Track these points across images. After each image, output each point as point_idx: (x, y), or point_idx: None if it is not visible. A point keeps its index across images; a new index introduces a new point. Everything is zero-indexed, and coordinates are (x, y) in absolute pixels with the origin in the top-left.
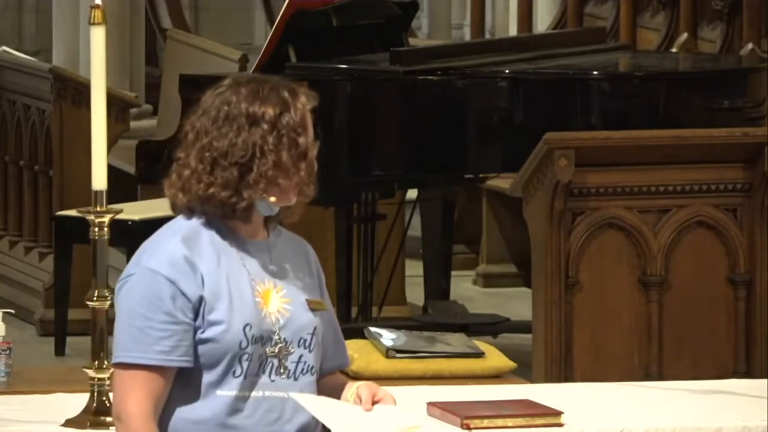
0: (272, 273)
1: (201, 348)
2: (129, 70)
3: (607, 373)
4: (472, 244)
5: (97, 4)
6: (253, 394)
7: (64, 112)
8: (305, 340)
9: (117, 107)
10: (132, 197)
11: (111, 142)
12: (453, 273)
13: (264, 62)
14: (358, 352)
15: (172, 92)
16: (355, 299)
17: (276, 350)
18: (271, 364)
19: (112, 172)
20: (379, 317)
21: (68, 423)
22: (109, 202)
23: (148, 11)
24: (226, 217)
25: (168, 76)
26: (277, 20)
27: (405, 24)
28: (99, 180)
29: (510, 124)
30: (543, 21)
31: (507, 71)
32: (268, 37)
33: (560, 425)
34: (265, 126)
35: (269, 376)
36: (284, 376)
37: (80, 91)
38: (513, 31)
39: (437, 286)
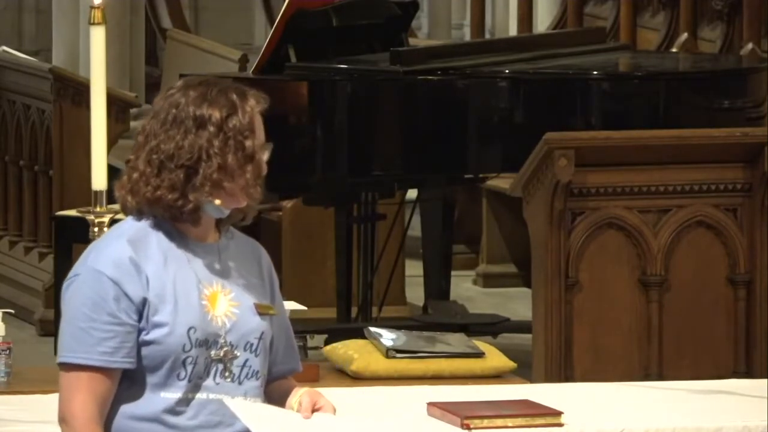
0: (220, 276)
1: (144, 350)
2: (129, 70)
3: (607, 373)
4: (472, 244)
5: (97, 4)
6: (198, 396)
7: (64, 112)
8: (251, 345)
9: (117, 107)
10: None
11: (111, 142)
12: (453, 273)
13: (264, 62)
14: (358, 352)
15: None
16: (355, 299)
17: (221, 353)
18: (216, 367)
19: (112, 172)
20: (379, 317)
21: None
22: (109, 202)
23: (148, 11)
24: (175, 220)
25: (168, 76)
26: (277, 20)
27: (405, 24)
28: (99, 180)
29: (510, 124)
30: (543, 21)
31: (507, 71)
32: (268, 37)
33: (560, 425)
34: (211, 128)
35: (214, 379)
36: (229, 380)
37: (80, 91)
38: (513, 31)
39: (437, 286)
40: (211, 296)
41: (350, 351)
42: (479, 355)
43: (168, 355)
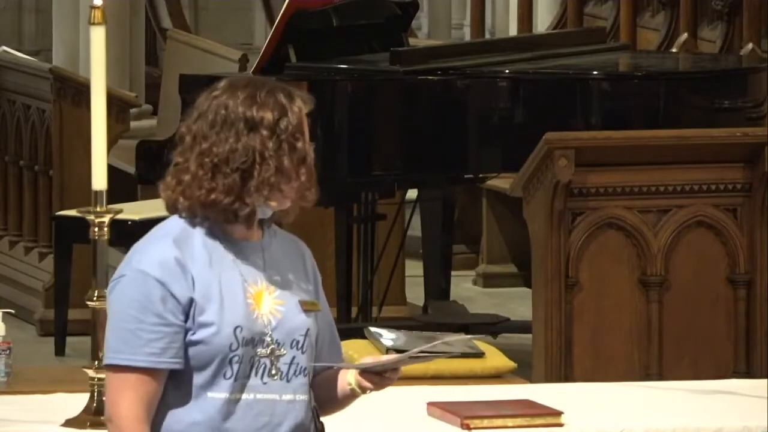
0: (265, 274)
1: (191, 350)
2: (129, 70)
3: (607, 373)
4: (472, 244)
5: (97, 4)
6: (244, 396)
7: (64, 112)
8: (298, 342)
9: (117, 107)
10: (132, 197)
11: (111, 142)
12: (453, 273)
13: (264, 62)
14: (358, 352)
15: (172, 92)
16: (355, 299)
17: (268, 352)
18: (263, 366)
19: (112, 172)
20: (379, 317)
21: (68, 423)
22: (109, 202)
23: (148, 11)
24: (228, 222)
25: (168, 76)
26: (277, 20)
27: (405, 24)
28: (99, 180)
29: (510, 124)
30: (543, 21)
31: (507, 71)
32: (268, 37)
33: (560, 425)
34: (264, 131)
35: (261, 378)
36: (277, 378)
37: (80, 91)
38: (513, 31)
39: (437, 286)
40: (256, 295)
41: (350, 351)
42: (479, 355)
43: (215, 354)
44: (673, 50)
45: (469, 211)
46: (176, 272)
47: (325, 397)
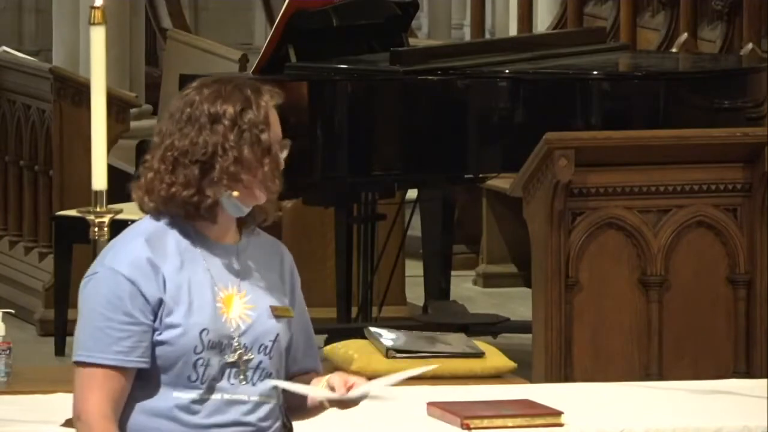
0: (237, 277)
1: (157, 350)
2: (129, 70)
3: (607, 373)
4: (472, 244)
5: (97, 5)
6: (213, 397)
7: (64, 112)
8: (266, 347)
9: (117, 107)
10: (132, 197)
11: (111, 142)
12: (453, 273)
13: (264, 62)
14: (358, 352)
15: (172, 92)
16: (355, 299)
17: (235, 356)
18: (230, 369)
19: (112, 172)
20: (379, 317)
21: (68, 423)
22: (109, 202)
23: (148, 11)
24: (190, 218)
25: (168, 76)
26: (277, 20)
27: (405, 24)
28: (99, 180)
29: (510, 124)
30: (543, 21)
31: (507, 71)
32: (268, 37)
33: (560, 425)
34: (226, 122)
35: (228, 381)
36: (243, 382)
37: (80, 91)
38: (513, 31)
39: (437, 286)
40: (226, 298)
41: (350, 351)
42: (479, 355)
43: (180, 356)
44: (673, 50)
45: (469, 211)
46: (147, 272)
47: (296, 404)
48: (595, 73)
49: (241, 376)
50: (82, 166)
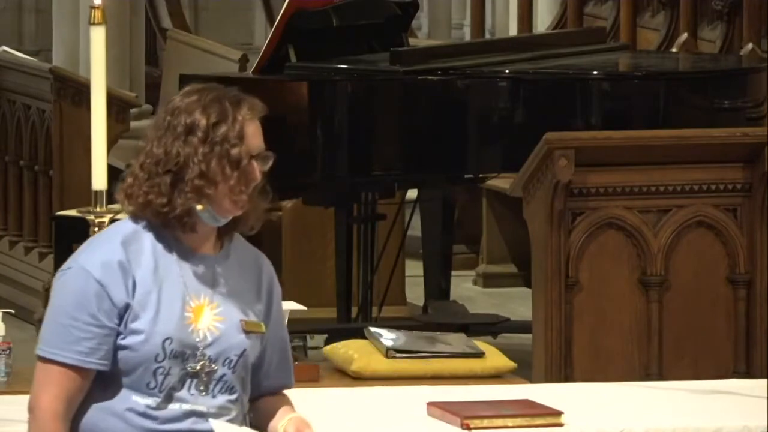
0: (211, 288)
1: (119, 353)
2: (129, 70)
3: (607, 373)
4: (472, 244)
5: (97, 4)
6: (170, 406)
7: (64, 112)
8: (231, 361)
9: (117, 107)
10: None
11: (111, 142)
12: (453, 273)
13: (264, 62)
14: (358, 352)
15: (172, 92)
16: (355, 299)
17: (198, 367)
18: (191, 380)
19: (112, 172)
20: (379, 317)
21: None
22: (109, 202)
23: (148, 11)
24: (165, 226)
25: (168, 76)
26: (277, 20)
27: (405, 24)
28: (99, 180)
29: (510, 124)
30: (543, 21)
31: (507, 71)
32: (268, 37)
33: (560, 425)
34: (200, 134)
35: (188, 391)
36: (204, 393)
37: (80, 91)
38: (513, 31)
39: (437, 286)
40: (197, 308)
41: (350, 351)
42: (479, 355)
43: (140, 362)
44: (673, 50)
45: (469, 211)
46: (118, 275)
47: (258, 423)
48: (595, 73)
49: (202, 387)
50: (82, 166)
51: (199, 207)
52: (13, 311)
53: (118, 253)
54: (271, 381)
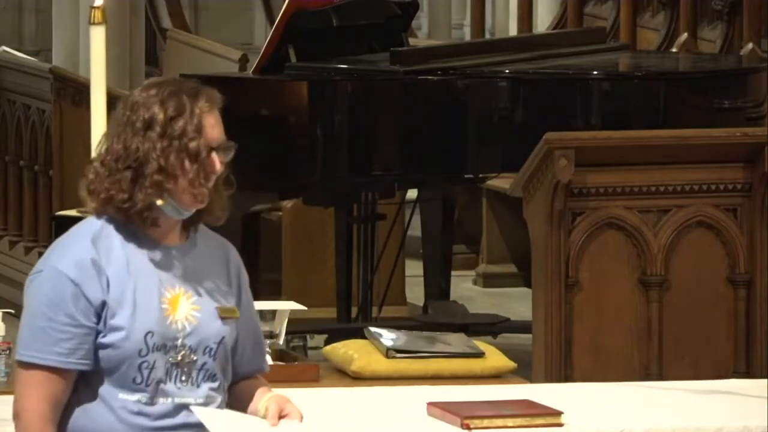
0: (183, 279)
1: (101, 352)
2: (129, 70)
3: (607, 373)
4: (472, 244)
5: (97, 4)
6: (160, 400)
7: (64, 112)
8: (210, 349)
9: None
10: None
11: None
12: (453, 273)
13: (264, 62)
14: (358, 352)
15: None
16: (355, 299)
17: (179, 357)
18: (175, 371)
19: None
20: (379, 317)
21: None
22: None
23: (148, 11)
24: (128, 221)
25: (168, 76)
26: (277, 20)
27: (405, 24)
28: None
29: (510, 124)
30: (543, 21)
31: (507, 71)
32: (268, 37)
33: (560, 425)
34: (157, 129)
35: (174, 384)
36: (188, 383)
37: (80, 91)
38: (513, 31)
39: (437, 286)
40: (173, 300)
41: (350, 351)
42: (479, 355)
43: (124, 359)
44: (673, 50)
45: (469, 211)
46: (91, 274)
47: (236, 407)
48: (595, 73)
49: (184, 378)
50: (82, 166)
51: (159, 202)
52: (13, 311)
53: (89, 252)
54: (246, 366)
